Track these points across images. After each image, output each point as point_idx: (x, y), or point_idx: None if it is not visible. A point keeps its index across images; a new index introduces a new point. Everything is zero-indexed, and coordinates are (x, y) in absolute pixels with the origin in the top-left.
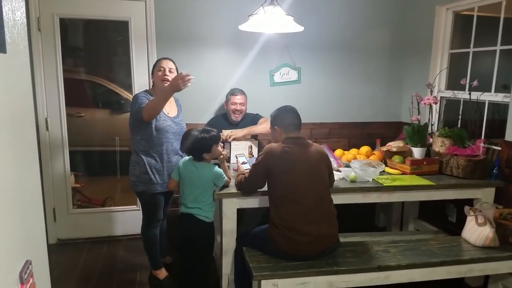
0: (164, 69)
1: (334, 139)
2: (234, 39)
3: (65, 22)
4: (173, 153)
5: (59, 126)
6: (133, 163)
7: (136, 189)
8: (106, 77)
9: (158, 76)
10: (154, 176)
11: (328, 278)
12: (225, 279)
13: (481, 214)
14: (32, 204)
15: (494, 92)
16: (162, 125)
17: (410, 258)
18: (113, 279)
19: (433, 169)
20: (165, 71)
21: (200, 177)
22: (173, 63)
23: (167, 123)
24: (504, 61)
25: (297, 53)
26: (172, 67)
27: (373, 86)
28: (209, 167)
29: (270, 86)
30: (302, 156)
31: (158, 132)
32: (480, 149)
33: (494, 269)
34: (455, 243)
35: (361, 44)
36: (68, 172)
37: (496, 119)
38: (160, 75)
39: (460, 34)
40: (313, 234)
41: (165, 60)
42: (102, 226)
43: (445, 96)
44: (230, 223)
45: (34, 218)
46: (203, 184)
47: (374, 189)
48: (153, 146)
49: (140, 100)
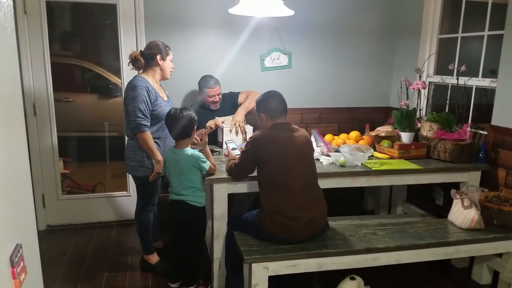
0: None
1: (325, 124)
2: (225, 22)
3: (51, 5)
4: (167, 136)
5: (47, 111)
6: (133, 148)
7: (135, 174)
8: (94, 61)
9: (168, 66)
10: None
11: (317, 260)
12: (216, 263)
13: (467, 197)
14: (21, 188)
15: (482, 77)
16: (164, 111)
17: (397, 240)
18: (104, 263)
19: (421, 153)
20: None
21: (180, 163)
22: None
23: (167, 109)
24: (492, 46)
25: (287, 37)
26: None
27: (363, 71)
28: (184, 152)
29: (261, 70)
30: (291, 141)
31: (161, 118)
32: (467, 133)
33: (479, 250)
34: (441, 226)
35: (351, 29)
36: (57, 158)
37: (483, 103)
38: (171, 65)
39: (449, 19)
40: (304, 218)
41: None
42: (92, 212)
43: (434, 81)
44: (221, 207)
45: (24, 202)
46: (185, 170)
47: (363, 173)
48: (156, 131)
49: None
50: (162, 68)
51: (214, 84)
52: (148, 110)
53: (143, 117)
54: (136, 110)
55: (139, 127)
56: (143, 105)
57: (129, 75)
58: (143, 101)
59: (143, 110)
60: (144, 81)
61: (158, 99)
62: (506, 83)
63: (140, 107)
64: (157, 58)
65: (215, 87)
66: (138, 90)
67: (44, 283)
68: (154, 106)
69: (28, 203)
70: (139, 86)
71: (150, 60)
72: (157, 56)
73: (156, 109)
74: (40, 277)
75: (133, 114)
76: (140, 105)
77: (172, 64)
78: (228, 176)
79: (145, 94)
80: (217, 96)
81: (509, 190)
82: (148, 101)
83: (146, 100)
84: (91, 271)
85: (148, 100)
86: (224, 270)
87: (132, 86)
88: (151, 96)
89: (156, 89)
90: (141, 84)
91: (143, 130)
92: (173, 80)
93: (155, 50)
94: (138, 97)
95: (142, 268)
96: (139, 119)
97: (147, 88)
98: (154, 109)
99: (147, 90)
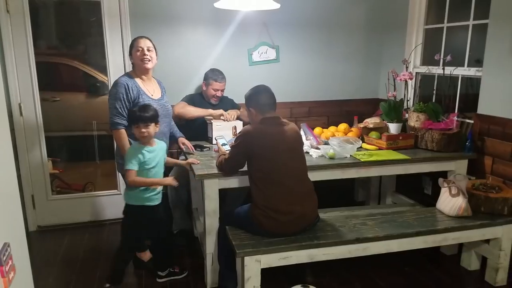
0: (142, 49)
1: (314, 117)
2: (211, 16)
3: (35, 3)
4: (161, 135)
5: (34, 111)
6: None
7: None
8: (81, 59)
9: (137, 57)
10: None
11: (309, 252)
12: (209, 258)
13: (454, 185)
14: (7, 186)
15: (467, 67)
16: None
17: (387, 229)
18: (97, 262)
19: (409, 144)
20: (143, 50)
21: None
22: (150, 41)
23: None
24: (477, 36)
25: (275, 31)
26: (150, 45)
27: (352, 64)
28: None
29: (249, 65)
30: (281, 135)
31: None
32: (453, 123)
33: (467, 237)
34: (430, 214)
35: (339, 22)
36: (45, 158)
37: (470, 93)
38: (139, 55)
39: (434, 9)
40: (296, 212)
41: (142, 39)
42: (83, 212)
43: (420, 71)
44: (213, 203)
45: (10, 200)
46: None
47: (352, 165)
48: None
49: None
50: (134, 63)
51: (222, 79)
52: (125, 108)
53: (118, 115)
54: (112, 107)
55: (113, 125)
56: (119, 103)
57: (116, 73)
58: (120, 99)
59: (119, 108)
60: (125, 79)
61: (140, 97)
62: (491, 72)
63: (115, 105)
64: (129, 58)
65: (222, 82)
66: (117, 88)
67: (36, 284)
68: (136, 104)
69: (15, 201)
70: (118, 83)
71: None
72: (129, 56)
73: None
74: (29, 276)
75: (110, 111)
76: (116, 103)
77: (138, 53)
78: (218, 172)
79: (123, 91)
80: (220, 91)
81: (495, 177)
82: (125, 99)
83: (123, 98)
84: (84, 271)
85: (126, 98)
86: (217, 265)
87: (114, 83)
88: (131, 94)
89: (142, 86)
90: (120, 82)
91: (117, 128)
92: (159, 75)
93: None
94: (116, 94)
95: (136, 265)
96: (114, 117)
97: (126, 85)
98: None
99: (126, 88)
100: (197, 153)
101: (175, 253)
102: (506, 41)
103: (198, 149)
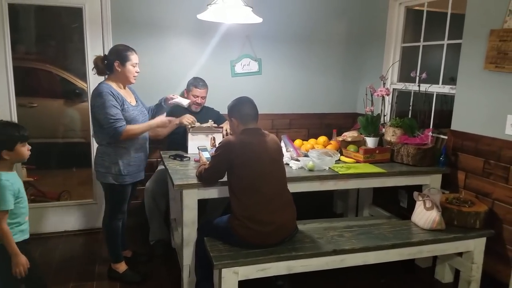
0: (136, 65)
1: (295, 129)
2: (195, 27)
3: (15, 7)
4: (144, 140)
5: (9, 116)
6: (101, 154)
7: (104, 180)
8: (60, 65)
9: (130, 71)
10: (125, 167)
11: (287, 264)
12: (186, 270)
13: (428, 199)
14: None
15: (442, 84)
16: (132, 116)
17: (363, 241)
18: (70, 273)
19: (385, 157)
20: (137, 66)
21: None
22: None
23: (135, 113)
24: (451, 55)
25: (258, 44)
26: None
27: (332, 78)
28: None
29: (232, 76)
30: (262, 146)
31: (129, 123)
32: (428, 138)
33: (441, 250)
34: (405, 227)
35: (320, 37)
36: (19, 166)
37: (444, 109)
38: (133, 70)
39: (411, 28)
40: (276, 222)
41: (135, 55)
42: (57, 221)
43: (397, 88)
44: (192, 213)
45: None
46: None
47: (331, 177)
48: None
49: (108, 109)
50: (123, 74)
51: (202, 86)
52: (118, 112)
53: (116, 121)
54: (108, 116)
55: (117, 130)
56: (113, 109)
57: (96, 80)
58: (112, 106)
59: (115, 115)
60: (107, 87)
61: (125, 104)
62: (464, 90)
63: (110, 113)
64: (115, 65)
65: (202, 89)
66: (104, 97)
67: None
68: (122, 111)
69: None
70: (104, 92)
71: (110, 66)
72: (115, 62)
73: (123, 113)
74: None
75: (106, 121)
76: (109, 111)
77: (135, 69)
78: (198, 182)
79: (111, 99)
80: (200, 98)
81: (468, 192)
82: (116, 105)
83: (114, 104)
84: (57, 282)
85: (115, 104)
86: (194, 277)
87: (97, 93)
88: (118, 101)
89: (123, 94)
90: (105, 90)
91: (122, 130)
92: (140, 84)
93: (114, 57)
94: (106, 103)
95: (110, 277)
96: (113, 124)
97: (111, 93)
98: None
99: (112, 95)
100: (177, 163)
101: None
102: (479, 60)
103: (178, 158)
